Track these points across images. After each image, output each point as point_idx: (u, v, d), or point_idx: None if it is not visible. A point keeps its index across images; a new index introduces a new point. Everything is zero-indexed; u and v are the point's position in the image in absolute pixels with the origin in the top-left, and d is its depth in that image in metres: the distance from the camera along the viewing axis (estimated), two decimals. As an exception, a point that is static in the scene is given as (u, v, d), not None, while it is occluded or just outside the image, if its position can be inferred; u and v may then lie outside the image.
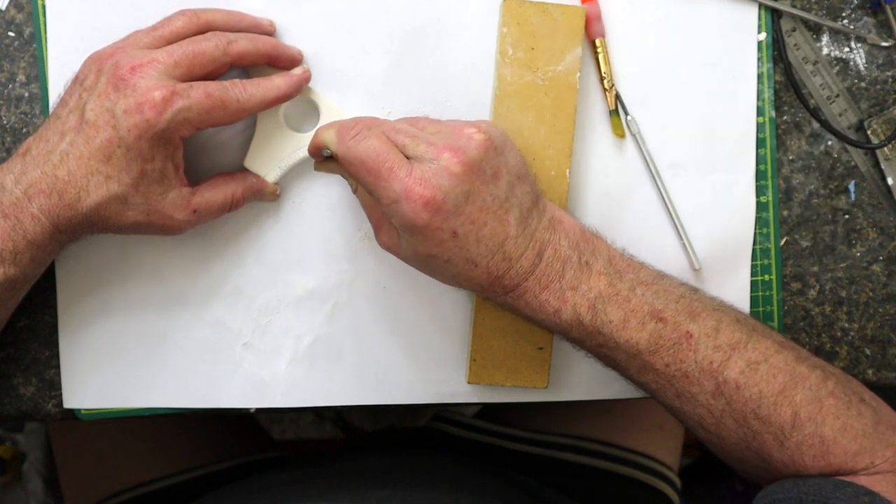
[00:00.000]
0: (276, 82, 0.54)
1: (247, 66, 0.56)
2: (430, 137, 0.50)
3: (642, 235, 0.60)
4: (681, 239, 0.60)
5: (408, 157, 0.49)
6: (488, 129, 0.51)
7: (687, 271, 0.60)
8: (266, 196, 0.57)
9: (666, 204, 0.60)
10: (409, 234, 0.49)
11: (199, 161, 0.58)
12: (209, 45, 0.51)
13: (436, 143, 0.49)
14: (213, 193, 0.55)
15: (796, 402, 0.51)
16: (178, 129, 0.50)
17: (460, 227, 0.49)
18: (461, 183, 0.48)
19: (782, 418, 0.51)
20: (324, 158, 0.53)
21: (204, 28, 0.54)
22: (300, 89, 0.55)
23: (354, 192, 0.55)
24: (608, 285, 0.52)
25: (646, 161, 0.60)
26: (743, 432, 0.53)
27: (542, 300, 0.51)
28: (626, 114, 0.59)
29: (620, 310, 0.52)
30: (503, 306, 0.54)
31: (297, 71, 0.56)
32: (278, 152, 0.57)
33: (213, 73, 0.53)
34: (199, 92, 0.50)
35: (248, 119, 0.57)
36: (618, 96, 0.59)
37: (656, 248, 0.60)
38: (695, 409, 0.53)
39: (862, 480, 0.50)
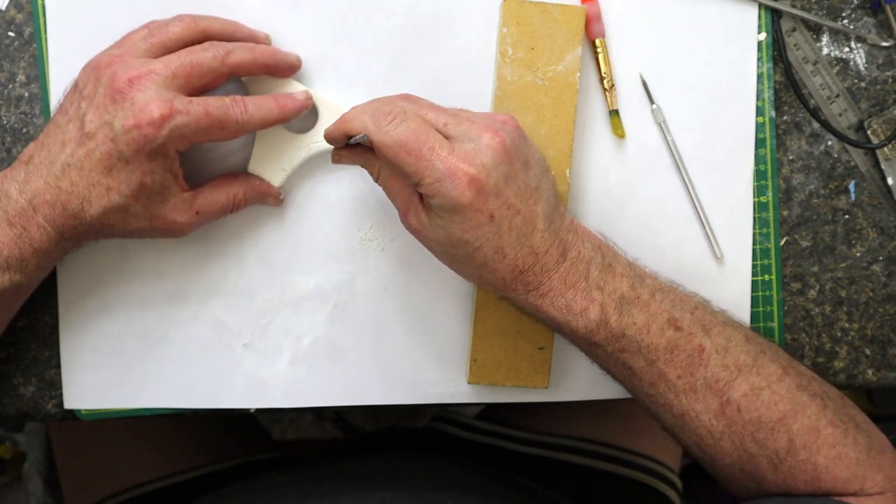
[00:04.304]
0: (279, 103, 0.54)
1: (244, 76, 0.56)
2: (470, 117, 0.50)
3: (642, 235, 0.60)
4: (703, 226, 0.60)
5: (448, 136, 0.49)
6: (515, 119, 0.52)
7: (687, 271, 0.60)
8: (270, 202, 0.57)
9: (689, 191, 0.60)
10: (449, 216, 0.49)
11: (202, 165, 0.58)
12: (207, 57, 0.51)
13: (476, 122, 0.50)
14: (216, 195, 0.55)
15: (793, 430, 0.52)
16: (175, 144, 0.50)
17: (497, 210, 0.49)
18: (502, 163, 0.48)
19: (778, 444, 0.52)
20: (346, 147, 0.52)
21: (201, 35, 0.53)
22: (300, 114, 0.55)
23: (376, 179, 0.53)
24: (630, 288, 0.52)
25: (670, 149, 0.60)
26: (738, 455, 0.53)
27: (568, 299, 0.51)
28: (652, 102, 0.59)
29: (642, 313, 0.52)
30: (524, 307, 0.53)
31: (298, 95, 0.55)
32: (281, 155, 0.57)
33: (211, 83, 0.53)
34: (200, 109, 0.50)
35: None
36: (645, 84, 0.59)
37: (656, 249, 0.60)
38: (695, 430, 0.53)
39: (852, 501, 0.51)
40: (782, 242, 0.62)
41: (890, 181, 0.62)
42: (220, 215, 0.55)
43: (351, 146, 0.52)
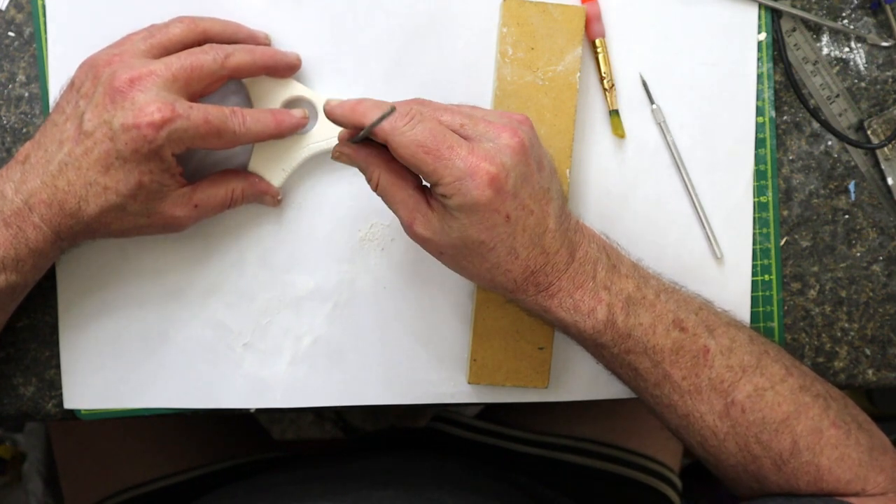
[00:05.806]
0: (276, 119, 0.54)
1: (244, 78, 0.56)
2: (486, 116, 0.50)
3: (642, 235, 0.60)
4: (703, 226, 0.60)
5: (466, 137, 0.49)
6: (530, 119, 0.52)
7: (687, 271, 0.60)
8: (267, 201, 0.57)
9: (689, 191, 0.60)
10: (465, 216, 0.48)
11: (202, 164, 0.58)
12: (207, 59, 0.51)
13: (493, 122, 0.49)
14: (215, 189, 0.55)
15: (797, 431, 0.52)
16: (172, 147, 0.50)
17: (513, 211, 0.49)
18: (520, 163, 0.48)
19: (782, 445, 0.52)
20: (350, 143, 0.51)
21: (201, 36, 0.53)
22: (296, 131, 0.56)
23: (375, 188, 0.52)
24: (636, 288, 0.52)
25: (670, 149, 0.60)
26: (743, 456, 0.53)
27: (576, 299, 0.51)
28: (652, 102, 0.59)
29: (648, 314, 0.52)
30: (532, 309, 0.53)
31: (296, 113, 0.55)
32: (281, 155, 0.57)
33: (211, 86, 0.53)
34: (200, 116, 0.50)
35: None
36: (644, 84, 0.59)
37: (656, 249, 0.60)
38: (700, 430, 0.53)
39: (854, 501, 0.51)
40: (782, 242, 0.62)
41: (890, 181, 0.62)
42: (219, 210, 0.55)
43: (356, 143, 0.51)
